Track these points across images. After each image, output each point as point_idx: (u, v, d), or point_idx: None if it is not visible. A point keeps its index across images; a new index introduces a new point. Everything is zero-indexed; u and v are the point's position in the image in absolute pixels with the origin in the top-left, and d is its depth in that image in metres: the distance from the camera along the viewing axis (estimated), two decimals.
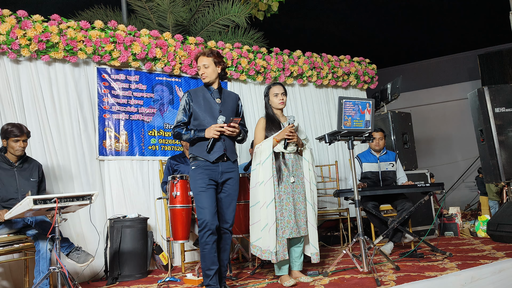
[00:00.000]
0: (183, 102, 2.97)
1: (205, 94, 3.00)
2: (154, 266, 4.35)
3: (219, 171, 2.89)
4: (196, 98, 2.97)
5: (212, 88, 3.02)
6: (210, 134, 2.83)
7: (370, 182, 4.41)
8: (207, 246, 2.74)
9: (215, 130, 2.82)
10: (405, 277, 2.97)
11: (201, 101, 2.96)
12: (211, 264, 2.74)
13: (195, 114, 2.96)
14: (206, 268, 2.73)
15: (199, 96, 2.99)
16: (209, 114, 2.94)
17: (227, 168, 2.92)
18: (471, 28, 9.62)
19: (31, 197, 2.53)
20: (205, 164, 2.86)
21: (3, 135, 3.25)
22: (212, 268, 2.73)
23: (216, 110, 2.96)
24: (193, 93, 2.99)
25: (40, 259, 2.94)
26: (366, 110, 3.28)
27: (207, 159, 2.86)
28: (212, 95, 3.00)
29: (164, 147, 4.69)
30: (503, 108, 5.00)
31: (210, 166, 2.86)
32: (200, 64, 2.97)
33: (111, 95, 4.44)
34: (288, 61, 5.47)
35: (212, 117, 2.93)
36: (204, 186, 2.81)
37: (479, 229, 5.03)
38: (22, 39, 3.87)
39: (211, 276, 2.72)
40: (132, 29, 4.47)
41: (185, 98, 2.97)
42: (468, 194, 10.08)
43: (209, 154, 2.86)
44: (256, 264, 3.85)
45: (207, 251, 2.74)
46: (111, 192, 4.31)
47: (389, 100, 5.91)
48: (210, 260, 2.74)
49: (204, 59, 2.96)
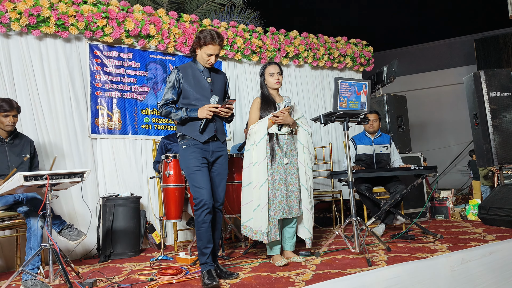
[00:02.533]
0: (172, 79, 2.83)
1: (194, 72, 2.88)
2: (147, 244, 4.36)
3: (210, 150, 2.84)
4: (186, 75, 2.85)
5: (202, 66, 2.91)
6: (203, 114, 2.75)
7: (364, 164, 4.41)
8: (205, 224, 2.71)
9: (209, 110, 2.75)
10: (396, 258, 2.99)
11: (191, 79, 2.85)
12: (207, 242, 2.71)
13: (185, 92, 2.85)
14: (203, 246, 2.71)
15: (189, 73, 2.86)
16: (200, 93, 2.85)
17: (217, 147, 2.87)
18: (468, 12, 9.54)
19: (21, 173, 2.49)
20: (195, 143, 2.80)
21: None
22: (208, 246, 2.72)
23: (208, 90, 2.87)
24: (182, 70, 2.86)
25: (32, 236, 2.92)
26: (362, 91, 3.25)
27: (197, 139, 2.80)
28: (203, 73, 2.89)
29: (158, 126, 4.64)
30: (498, 93, 4.99)
31: (201, 145, 2.81)
32: (213, 53, 2.83)
33: (104, 72, 4.37)
34: (284, 41, 5.40)
35: (203, 96, 2.84)
36: (198, 165, 2.76)
37: (470, 213, 5.08)
38: (12, 13, 3.77)
39: (208, 254, 2.70)
40: (125, 4, 4.36)
41: (175, 75, 2.84)
42: (460, 178, 10.17)
43: (200, 135, 2.80)
44: (248, 244, 3.86)
45: (204, 229, 2.71)
46: (104, 170, 4.28)
47: (384, 83, 5.87)
48: (206, 239, 2.71)
49: (217, 49, 2.84)
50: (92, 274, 3.08)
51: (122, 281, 2.86)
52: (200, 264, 2.72)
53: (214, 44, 2.81)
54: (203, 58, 2.86)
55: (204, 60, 2.86)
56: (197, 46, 2.87)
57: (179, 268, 2.96)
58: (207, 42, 2.80)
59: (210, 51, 2.82)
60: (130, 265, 3.45)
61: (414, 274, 2.64)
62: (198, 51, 2.88)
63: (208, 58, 2.84)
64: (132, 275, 3.02)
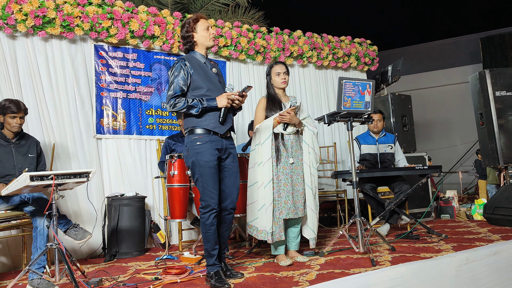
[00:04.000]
0: (180, 70, 2.67)
1: (198, 63, 2.76)
2: (152, 244, 4.38)
3: (224, 146, 2.73)
4: (194, 66, 2.71)
5: (202, 57, 2.81)
6: (223, 102, 2.63)
7: (368, 164, 4.41)
8: (213, 227, 2.67)
9: (228, 99, 2.64)
10: (400, 258, 2.99)
11: (199, 70, 2.73)
12: (214, 244, 2.69)
13: (195, 83, 2.69)
14: (211, 248, 2.69)
15: (195, 64, 2.73)
16: (211, 83, 2.74)
17: (228, 144, 2.79)
18: (473, 11, 9.48)
19: (27, 173, 2.51)
20: (212, 139, 2.66)
21: (0, 110, 3.22)
22: (216, 248, 2.70)
23: (216, 80, 2.78)
24: (188, 61, 2.72)
25: (38, 235, 2.95)
26: (366, 91, 3.24)
27: (217, 131, 2.67)
28: (206, 64, 2.80)
29: (162, 126, 4.66)
30: (504, 92, 4.97)
31: (216, 141, 2.68)
32: (209, 24, 2.80)
33: (109, 73, 4.39)
34: (288, 41, 5.40)
35: (215, 87, 2.74)
36: (213, 167, 2.66)
37: (475, 213, 5.05)
38: (18, 14, 3.81)
39: (215, 256, 2.69)
40: (130, 5, 4.39)
41: (181, 66, 2.68)
42: (466, 178, 10.12)
43: (221, 126, 2.68)
44: (253, 244, 3.87)
45: (212, 232, 2.68)
46: (109, 170, 4.31)
47: (389, 82, 5.86)
48: (214, 241, 2.69)
49: (207, 21, 2.80)
50: (98, 273, 3.11)
51: (127, 280, 2.88)
52: (207, 265, 2.70)
53: (203, 18, 2.79)
54: (204, 36, 2.77)
55: (207, 37, 2.78)
56: (192, 30, 2.76)
57: (183, 268, 2.97)
58: (199, 17, 2.78)
59: (206, 23, 2.78)
60: (135, 265, 3.47)
61: (419, 274, 2.63)
62: (196, 34, 2.77)
63: (208, 31, 2.78)
64: (137, 275, 3.04)
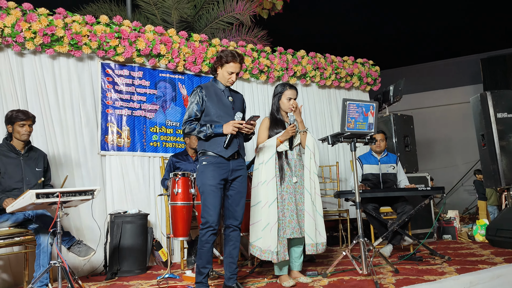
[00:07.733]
0: (196, 97, 2.91)
1: (216, 90, 2.97)
2: (154, 262, 4.36)
3: (230, 168, 2.88)
4: (209, 93, 2.93)
5: (223, 85, 3.01)
6: (228, 130, 2.81)
7: (370, 184, 4.42)
8: (207, 245, 2.76)
9: (234, 126, 2.81)
10: (404, 280, 2.98)
11: (214, 97, 2.93)
12: (206, 262, 2.77)
13: (207, 110, 2.91)
14: (202, 265, 2.76)
15: (211, 92, 2.95)
16: (222, 110, 2.92)
17: (237, 165, 2.92)
18: (474, 31, 9.61)
19: (33, 191, 2.54)
20: (217, 161, 2.84)
21: (8, 120, 3.26)
22: (207, 266, 2.78)
23: (230, 107, 2.95)
24: (205, 88, 2.95)
25: (41, 252, 2.95)
26: (370, 112, 3.28)
27: (222, 155, 2.84)
28: (224, 92, 2.99)
29: (166, 144, 4.69)
30: (505, 114, 5.00)
31: (222, 163, 2.85)
32: (234, 71, 2.95)
33: (115, 91, 4.44)
34: (292, 61, 5.47)
35: (226, 114, 2.92)
36: (214, 185, 2.79)
37: (477, 233, 5.04)
38: (27, 32, 3.87)
39: (205, 274, 2.76)
40: (137, 25, 4.46)
41: (198, 93, 2.92)
42: (467, 197, 10.09)
43: (225, 150, 2.84)
44: (255, 263, 3.86)
45: (206, 249, 2.76)
46: (112, 187, 4.32)
47: (391, 102, 5.90)
48: (206, 259, 2.77)
49: (238, 67, 2.95)
50: None
51: None
52: (196, 283, 2.75)
53: (235, 62, 2.92)
54: (224, 76, 2.96)
55: (226, 79, 2.96)
56: (218, 65, 2.97)
57: (185, 287, 2.96)
58: (229, 60, 2.91)
59: (232, 69, 2.93)
60: (137, 283, 3.45)
61: None
62: (220, 70, 2.98)
63: (230, 76, 2.95)
64: None
